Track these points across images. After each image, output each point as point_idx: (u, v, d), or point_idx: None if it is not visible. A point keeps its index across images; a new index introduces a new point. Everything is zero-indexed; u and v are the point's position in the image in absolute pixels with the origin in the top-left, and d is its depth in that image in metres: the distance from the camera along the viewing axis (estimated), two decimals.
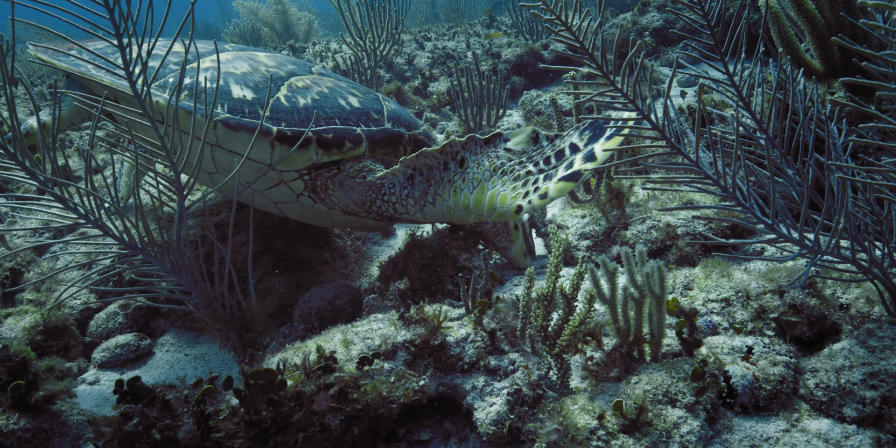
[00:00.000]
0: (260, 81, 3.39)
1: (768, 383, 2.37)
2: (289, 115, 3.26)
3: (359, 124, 3.41)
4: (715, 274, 3.07)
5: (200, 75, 3.31)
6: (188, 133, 3.08)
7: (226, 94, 3.27)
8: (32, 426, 2.89)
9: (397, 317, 2.61)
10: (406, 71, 10.02)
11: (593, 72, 3.03)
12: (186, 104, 3.17)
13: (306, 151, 3.25)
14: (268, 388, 2.04)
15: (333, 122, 3.34)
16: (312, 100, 3.38)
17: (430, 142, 3.76)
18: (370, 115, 3.50)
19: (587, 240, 3.72)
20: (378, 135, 3.45)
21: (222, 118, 3.15)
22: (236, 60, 3.52)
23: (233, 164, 3.27)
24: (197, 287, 2.87)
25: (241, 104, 3.23)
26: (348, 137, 3.33)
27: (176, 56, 3.56)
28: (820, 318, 2.70)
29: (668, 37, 10.70)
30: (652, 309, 2.34)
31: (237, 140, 3.18)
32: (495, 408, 2.35)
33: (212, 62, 3.43)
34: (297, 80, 3.49)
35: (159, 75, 3.39)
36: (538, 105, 7.72)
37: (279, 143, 3.19)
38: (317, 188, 3.44)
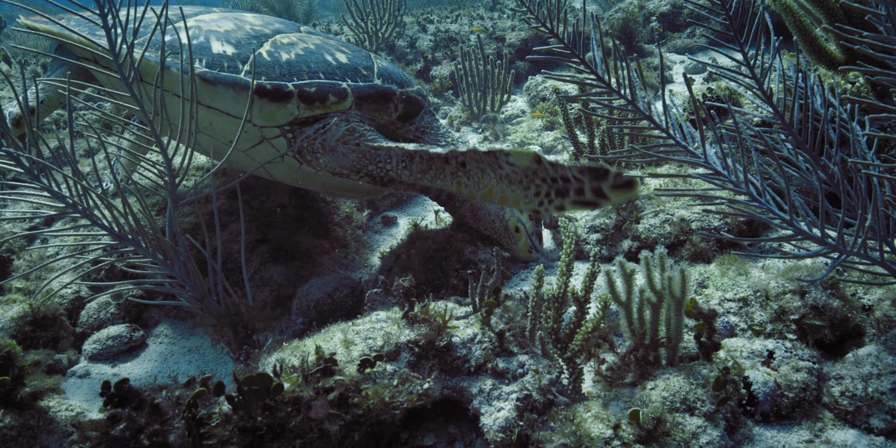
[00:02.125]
0: (243, 38, 3.31)
1: (791, 391, 2.26)
2: (269, 70, 3.16)
3: (345, 79, 3.29)
4: (731, 271, 2.94)
5: (182, 34, 3.18)
6: (170, 92, 3.00)
7: (205, 49, 3.18)
8: (18, 423, 2.77)
9: (401, 315, 2.48)
10: (408, 54, 9.80)
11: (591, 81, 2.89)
12: (166, 60, 3.05)
13: (287, 105, 3.13)
14: (262, 394, 1.92)
15: (317, 76, 3.22)
16: (297, 55, 3.28)
17: (423, 101, 3.60)
18: (358, 71, 3.37)
19: (597, 233, 3.59)
20: (366, 90, 3.31)
21: (199, 72, 3.06)
22: (221, 20, 3.43)
23: (214, 122, 3.19)
24: (190, 280, 2.74)
25: (221, 59, 3.15)
26: (333, 91, 3.20)
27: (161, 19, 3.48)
28: (843, 321, 2.58)
29: (675, 22, 10.47)
30: (670, 312, 2.21)
31: (215, 95, 3.09)
32: (503, 413, 2.23)
33: (195, 22, 3.36)
34: (283, 37, 3.40)
35: (141, 35, 3.30)
36: (543, 91, 7.53)
37: (258, 96, 3.07)
38: (303, 150, 3.32)
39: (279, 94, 3.10)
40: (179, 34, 3.14)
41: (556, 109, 6.98)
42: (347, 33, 11.12)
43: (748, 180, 2.18)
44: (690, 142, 2.25)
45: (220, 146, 3.42)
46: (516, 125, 7.19)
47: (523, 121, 7.30)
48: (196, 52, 3.17)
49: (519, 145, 6.68)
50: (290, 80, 3.15)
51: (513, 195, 2.55)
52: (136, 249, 2.71)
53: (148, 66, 3.12)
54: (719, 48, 3.08)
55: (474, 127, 7.40)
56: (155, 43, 3.23)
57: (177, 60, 3.09)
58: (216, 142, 3.38)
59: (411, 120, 3.58)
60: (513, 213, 3.56)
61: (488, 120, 7.21)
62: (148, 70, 3.14)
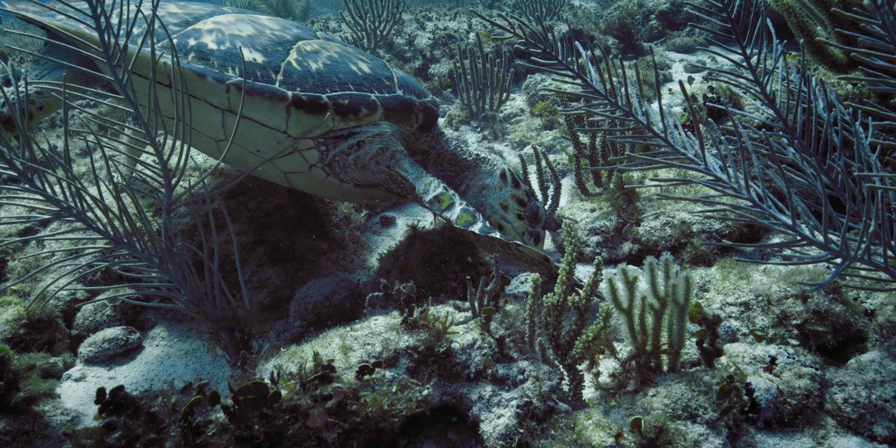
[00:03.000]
0: (268, 45, 3.23)
1: (793, 397, 2.24)
2: (302, 80, 3.12)
3: (372, 90, 3.28)
4: (733, 275, 2.92)
5: (208, 38, 3.15)
6: (201, 100, 2.96)
7: (234, 56, 3.11)
8: (13, 428, 2.75)
9: (400, 321, 2.45)
10: (406, 51, 9.75)
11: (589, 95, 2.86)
12: (196, 66, 3.01)
13: (322, 117, 3.11)
14: (259, 403, 1.89)
15: (347, 87, 3.20)
16: (324, 65, 3.24)
17: (437, 110, 3.62)
18: (381, 82, 3.36)
19: (597, 235, 3.56)
20: (392, 102, 3.31)
21: (235, 81, 3.00)
22: (239, 23, 3.34)
23: (245, 131, 3.14)
24: (186, 284, 2.70)
25: (253, 67, 3.09)
26: (364, 103, 3.19)
27: (175, 18, 3.36)
28: (845, 326, 2.57)
29: (675, 20, 10.43)
30: (673, 318, 2.18)
31: (251, 105, 3.04)
32: (503, 420, 2.21)
33: (214, 24, 3.27)
34: (305, 44, 3.34)
35: (162, 37, 3.21)
36: (542, 90, 7.50)
37: (295, 108, 3.04)
38: (333, 163, 3.31)
39: (315, 105, 3.07)
40: (203, 38, 3.11)
41: (556, 109, 6.94)
42: (345, 31, 11.07)
43: (749, 186, 2.15)
44: (689, 148, 2.23)
45: (245, 155, 3.38)
46: (515, 124, 7.16)
47: (522, 120, 7.27)
48: (227, 58, 3.09)
49: (518, 145, 6.65)
50: (324, 91, 3.13)
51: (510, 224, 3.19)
52: (132, 253, 2.67)
53: (182, 73, 2.99)
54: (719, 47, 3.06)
55: (473, 126, 7.37)
56: (180, 46, 3.14)
57: (209, 67, 3.02)
58: (243, 150, 3.33)
59: (429, 130, 3.58)
60: (493, 209, 3.56)
61: (487, 118, 7.18)
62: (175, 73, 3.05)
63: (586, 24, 9.50)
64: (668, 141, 2.15)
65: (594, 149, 3.85)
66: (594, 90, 2.53)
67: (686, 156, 2.18)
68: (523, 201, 3.60)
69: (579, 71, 2.70)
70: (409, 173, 3.26)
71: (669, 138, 2.20)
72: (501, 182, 3.60)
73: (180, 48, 3.09)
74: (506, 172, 3.63)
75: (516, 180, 3.63)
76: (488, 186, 3.63)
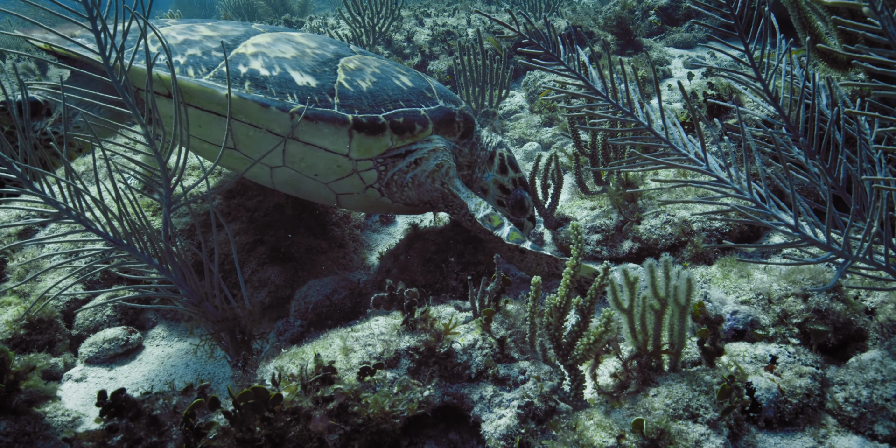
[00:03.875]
0: (315, 66, 3.22)
1: (794, 397, 2.24)
2: (358, 102, 3.13)
3: (419, 105, 3.31)
4: (733, 274, 2.92)
5: (258, 63, 3.13)
6: (262, 129, 2.96)
7: (289, 82, 3.08)
8: (14, 429, 2.75)
9: (400, 321, 2.45)
10: (405, 48, 9.73)
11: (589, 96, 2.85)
12: (257, 96, 2.98)
13: (382, 138, 3.13)
14: (260, 407, 1.89)
15: (398, 104, 3.22)
16: (371, 82, 3.25)
17: (473, 117, 3.64)
18: (424, 94, 3.39)
19: (597, 234, 3.56)
20: (438, 115, 3.35)
21: (298, 109, 2.98)
22: (278, 43, 3.31)
23: (306, 157, 3.14)
24: (186, 285, 2.70)
25: (309, 92, 3.07)
26: (416, 120, 3.23)
27: (212, 42, 3.27)
28: (846, 324, 2.57)
29: (674, 16, 10.40)
30: (674, 319, 2.18)
31: (315, 131, 3.03)
32: (504, 421, 2.21)
33: (255, 47, 3.24)
34: (347, 62, 3.34)
35: (208, 64, 3.15)
36: (541, 86, 7.48)
37: (357, 131, 3.06)
38: (391, 183, 3.33)
39: (374, 126, 3.09)
40: (252, 63, 3.09)
41: (555, 105, 6.93)
42: (344, 27, 11.03)
43: (751, 187, 2.15)
44: (691, 149, 2.22)
45: (301, 180, 3.36)
46: (515, 121, 7.15)
47: (521, 116, 7.26)
48: (283, 84, 3.06)
49: (518, 142, 6.64)
50: (379, 111, 3.15)
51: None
52: (131, 254, 2.67)
53: (245, 104, 2.99)
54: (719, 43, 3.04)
55: None
56: (233, 75, 3.09)
57: (269, 96, 3.00)
58: (299, 175, 3.31)
59: (468, 137, 3.60)
60: (474, 190, 3.58)
61: (487, 115, 7.17)
62: (243, 108, 3.02)
63: (585, 19, 9.48)
64: (670, 142, 2.14)
65: (595, 147, 3.85)
66: (594, 91, 2.52)
67: (687, 156, 2.17)
68: (507, 188, 3.62)
69: (580, 71, 2.69)
70: (460, 192, 3.34)
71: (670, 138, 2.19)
72: (487, 165, 3.64)
73: (233, 76, 3.07)
74: (495, 155, 3.65)
75: (504, 166, 3.65)
76: (478, 170, 3.67)
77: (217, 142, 3.14)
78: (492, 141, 3.76)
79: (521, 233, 3.21)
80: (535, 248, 3.13)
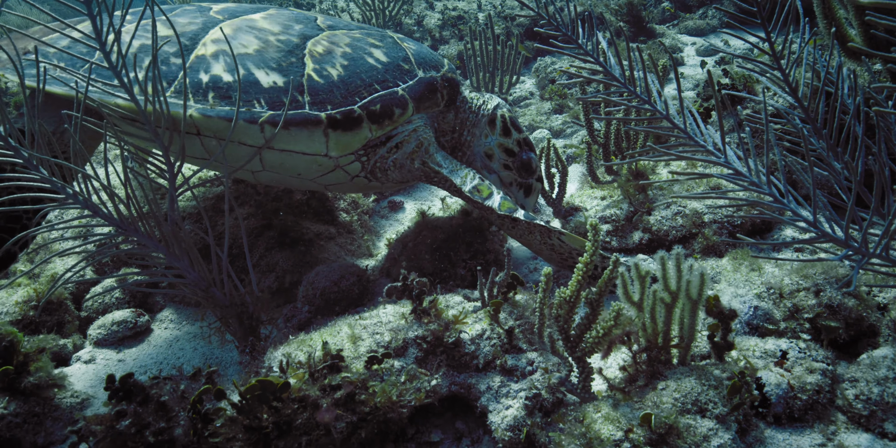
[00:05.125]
0: (280, 58, 3.01)
1: (804, 393, 2.22)
2: (330, 95, 2.94)
3: (396, 82, 3.10)
4: (744, 267, 2.90)
5: (216, 65, 2.92)
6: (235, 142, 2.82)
7: (255, 85, 2.89)
8: (24, 410, 2.77)
9: (409, 310, 2.44)
10: (415, 32, 9.63)
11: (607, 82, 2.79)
12: (222, 109, 2.83)
13: (360, 131, 2.98)
14: (267, 398, 1.89)
15: (373, 89, 3.02)
16: (342, 67, 3.04)
17: (457, 78, 3.46)
18: (401, 68, 3.17)
19: (607, 224, 3.53)
20: (418, 89, 3.14)
21: (268, 118, 2.82)
22: (239, 35, 3.09)
23: (284, 161, 3.03)
24: (193, 270, 2.70)
25: (277, 94, 2.90)
26: (394, 103, 3.04)
27: (169, 44, 3.02)
28: (857, 320, 2.54)
29: (687, 2, 10.24)
30: (685, 312, 2.16)
31: (289, 137, 2.89)
32: (511, 412, 2.21)
33: (214, 45, 3.01)
34: (315, 46, 3.11)
35: (168, 76, 2.94)
36: (552, 73, 7.41)
37: (332, 129, 2.91)
38: (375, 170, 3.23)
39: (350, 120, 2.94)
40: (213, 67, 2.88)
41: (566, 92, 6.86)
42: (353, 10, 10.93)
43: (770, 181, 2.11)
44: (709, 139, 2.18)
45: (285, 179, 3.30)
46: (525, 108, 7.08)
47: (532, 103, 7.19)
48: (248, 90, 2.86)
49: (527, 129, 6.59)
50: (353, 101, 2.97)
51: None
52: (139, 240, 2.66)
53: (210, 122, 2.84)
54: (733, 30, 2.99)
55: None
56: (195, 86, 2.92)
57: (234, 107, 2.82)
58: (282, 176, 3.25)
59: (454, 102, 3.45)
60: (478, 157, 3.50)
61: None
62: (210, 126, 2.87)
63: (598, 5, 9.34)
64: (688, 133, 2.11)
65: (608, 136, 3.80)
66: (612, 77, 2.48)
67: (705, 148, 2.14)
68: (512, 151, 3.50)
69: (598, 56, 2.64)
70: (443, 167, 3.21)
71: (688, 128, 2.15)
72: (489, 129, 3.51)
73: (195, 88, 2.89)
74: (496, 118, 3.51)
75: (506, 127, 3.51)
76: (477, 134, 3.54)
77: (199, 155, 3.06)
78: (487, 103, 3.58)
79: (514, 200, 3.06)
80: (528, 217, 3.01)
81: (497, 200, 3.04)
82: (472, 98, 3.59)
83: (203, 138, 2.94)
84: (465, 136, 3.56)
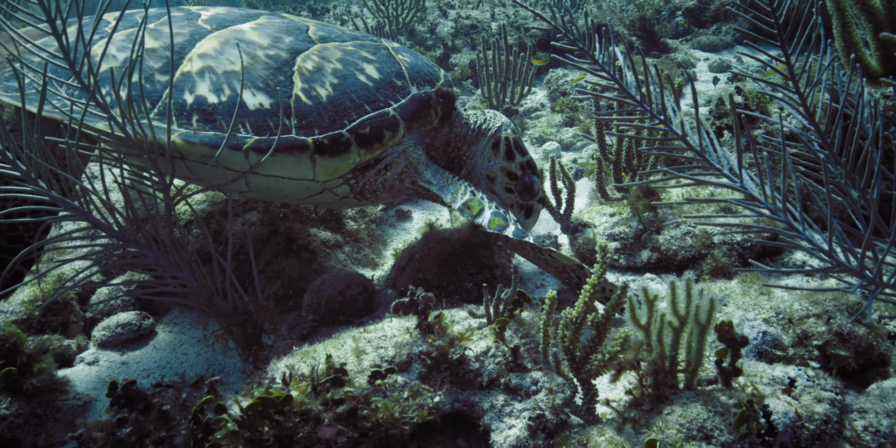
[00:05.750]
0: (268, 76, 2.88)
1: (812, 422, 2.19)
2: (318, 118, 2.84)
3: (388, 102, 2.99)
4: (753, 290, 2.87)
5: (202, 84, 2.79)
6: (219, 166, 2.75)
7: (240, 107, 2.76)
8: (25, 411, 2.77)
9: (414, 324, 2.43)
10: (427, 39, 9.66)
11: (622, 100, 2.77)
12: (206, 134, 2.73)
13: (348, 156, 2.88)
14: (268, 415, 1.88)
15: (363, 109, 2.91)
16: (332, 86, 2.92)
17: (453, 92, 3.36)
18: (394, 84, 3.06)
19: (615, 242, 3.52)
20: (411, 108, 3.04)
21: (252, 144, 2.74)
22: (227, 50, 2.94)
23: (271, 185, 2.97)
24: (196, 280, 2.69)
25: (264, 117, 2.79)
26: (385, 125, 2.94)
27: (155, 59, 2.92)
28: (867, 349, 2.52)
29: (701, 18, 10.25)
30: (692, 337, 2.14)
31: (274, 163, 2.81)
32: (515, 432, 2.19)
33: (201, 61, 2.87)
34: (306, 62, 2.97)
35: (152, 95, 2.80)
36: (564, 85, 7.41)
37: (319, 155, 2.83)
38: (364, 191, 3.18)
39: (338, 145, 2.85)
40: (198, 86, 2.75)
41: (577, 105, 6.86)
42: (367, 16, 10.98)
43: (786, 208, 2.09)
44: (725, 163, 2.16)
45: (272, 199, 3.24)
46: (535, 120, 7.08)
47: (542, 115, 7.19)
48: (234, 113, 2.68)
49: (538, 140, 6.58)
50: (342, 124, 2.86)
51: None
52: (139, 251, 2.64)
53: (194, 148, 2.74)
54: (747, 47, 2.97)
55: None
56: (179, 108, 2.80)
57: (220, 133, 2.73)
58: (269, 196, 3.21)
59: (448, 119, 3.38)
60: (480, 179, 3.45)
61: (508, 112, 7.10)
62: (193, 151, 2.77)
63: (612, 17, 9.35)
64: (705, 156, 2.10)
65: (619, 154, 3.79)
66: (629, 95, 2.46)
67: (721, 172, 2.12)
68: (515, 174, 3.43)
69: (614, 73, 2.63)
70: (432, 185, 3.13)
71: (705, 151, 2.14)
72: (492, 152, 3.44)
73: (179, 110, 2.78)
74: (500, 141, 3.45)
75: (510, 151, 3.44)
76: (480, 156, 3.48)
77: (186, 175, 3.00)
78: (489, 122, 3.51)
79: (507, 216, 2.97)
80: (518, 234, 2.89)
81: (487, 217, 2.95)
82: (469, 115, 3.54)
83: (188, 162, 2.87)
84: (464, 149, 3.51)
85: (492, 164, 3.44)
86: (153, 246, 2.59)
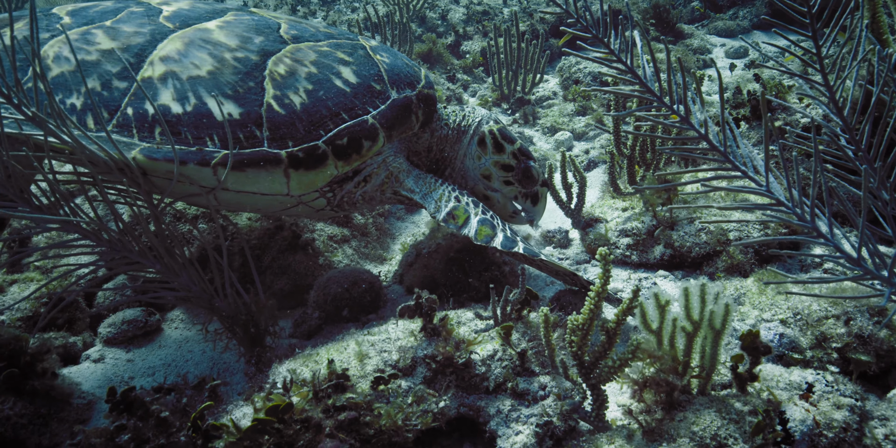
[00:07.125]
0: (237, 82, 2.66)
1: (830, 430, 2.12)
2: (292, 129, 2.64)
3: (366, 108, 2.80)
4: (770, 289, 2.78)
5: (165, 92, 2.58)
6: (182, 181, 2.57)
7: (207, 117, 2.56)
8: (29, 411, 2.75)
9: (419, 327, 2.37)
10: (439, 26, 9.52)
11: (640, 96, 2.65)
12: (170, 150, 2.49)
13: (325, 168, 2.71)
14: (268, 430, 1.84)
15: (340, 118, 2.72)
16: (307, 92, 2.72)
17: (434, 94, 3.16)
18: (372, 89, 2.86)
19: (628, 237, 3.43)
20: (390, 113, 2.85)
21: (220, 159, 2.53)
22: (191, 51, 2.71)
23: (242, 200, 2.80)
24: (195, 285, 2.64)
25: (233, 128, 2.59)
26: (363, 135, 2.76)
27: (112, 63, 2.66)
28: (889, 352, 2.43)
29: (717, 2, 10.00)
30: (706, 342, 2.07)
31: (245, 179, 2.63)
32: (521, 438, 2.13)
33: (164, 65, 2.64)
34: (277, 66, 2.75)
35: (110, 104, 2.56)
36: (577, 73, 7.26)
37: (293, 169, 2.65)
38: (342, 203, 3.04)
39: (314, 158, 2.67)
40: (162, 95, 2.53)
41: (590, 94, 6.72)
42: (378, 3, 10.83)
43: (815, 215, 2.00)
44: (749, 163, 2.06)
45: (245, 211, 3.15)
46: (547, 108, 6.95)
47: (555, 103, 7.06)
48: (200, 124, 2.52)
49: (549, 130, 6.47)
50: (317, 134, 2.68)
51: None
52: (131, 257, 2.58)
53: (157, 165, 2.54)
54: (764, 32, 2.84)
55: (504, 108, 7.18)
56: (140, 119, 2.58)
57: (185, 147, 2.54)
58: (242, 208, 3.13)
59: (430, 123, 3.21)
60: (475, 180, 3.30)
61: (520, 101, 6.98)
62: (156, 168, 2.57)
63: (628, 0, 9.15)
64: (727, 157, 2.00)
65: (633, 148, 3.68)
66: (647, 89, 2.35)
67: (747, 174, 2.02)
68: (510, 165, 3.24)
69: (632, 65, 2.51)
70: (415, 193, 2.99)
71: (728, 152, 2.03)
72: (480, 150, 3.26)
73: (140, 122, 2.56)
74: (485, 137, 3.25)
75: (498, 143, 3.24)
76: (467, 155, 3.30)
77: (152, 189, 2.80)
78: (468, 117, 3.32)
79: (495, 223, 2.82)
80: (506, 245, 2.75)
81: (473, 227, 2.81)
82: (448, 114, 3.36)
83: (153, 178, 2.68)
84: (446, 150, 3.35)
85: (483, 161, 3.27)
86: (147, 254, 2.53)
